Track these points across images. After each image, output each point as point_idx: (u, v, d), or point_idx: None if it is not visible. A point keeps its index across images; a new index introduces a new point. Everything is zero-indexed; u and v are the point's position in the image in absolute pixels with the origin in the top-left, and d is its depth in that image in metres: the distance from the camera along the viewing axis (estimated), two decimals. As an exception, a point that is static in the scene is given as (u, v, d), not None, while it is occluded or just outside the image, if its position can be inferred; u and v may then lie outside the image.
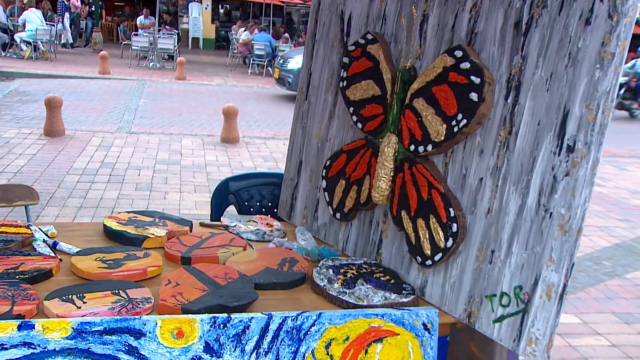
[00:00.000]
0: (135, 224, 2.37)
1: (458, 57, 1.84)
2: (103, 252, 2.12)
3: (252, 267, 2.09)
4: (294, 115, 2.62)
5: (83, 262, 2.01)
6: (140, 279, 1.98)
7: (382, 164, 2.08)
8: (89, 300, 1.78)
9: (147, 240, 2.25)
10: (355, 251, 2.30)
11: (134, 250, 2.16)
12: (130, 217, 2.45)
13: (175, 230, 2.36)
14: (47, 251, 2.12)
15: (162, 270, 2.06)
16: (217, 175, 6.81)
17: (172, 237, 2.33)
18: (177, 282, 1.91)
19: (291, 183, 2.64)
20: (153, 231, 2.31)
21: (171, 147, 8.02)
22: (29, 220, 3.38)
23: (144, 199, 5.85)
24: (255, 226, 2.53)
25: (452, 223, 1.87)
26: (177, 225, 2.41)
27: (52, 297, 1.78)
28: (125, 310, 1.74)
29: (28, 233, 2.24)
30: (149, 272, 2.00)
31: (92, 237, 2.32)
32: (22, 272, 1.92)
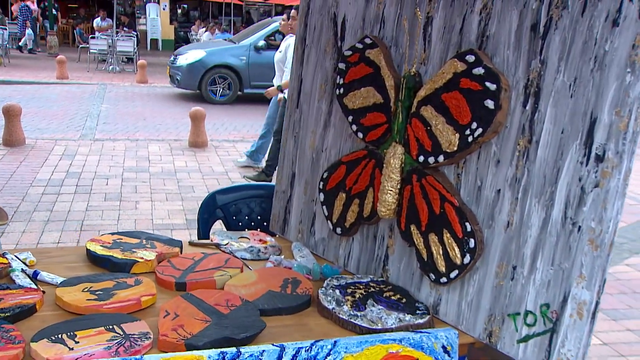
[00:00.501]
0: (122, 246, 2.21)
1: (470, 62, 1.73)
2: (90, 281, 1.95)
3: (254, 291, 1.95)
4: (284, 124, 2.49)
5: (69, 294, 1.85)
6: (134, 310, 1.83)
7: (388, 176, 1.97)
8: (82, 339, 1.62)
9: (136, 265, 2.09)
10: (358, 268, 2.18)
11: (123, 277, 2.00)
12: (115, 239, 2.28)
13: (165, 252, 2.20)
14: (27, 282, 1.95)
15: (156, 299, 1.91)
16: (188, 182, 6.64)
17: (162, 259, 2.18)
18: (177, 313, 1.76)
19: (284, 196, 2.51)
20: (142, 254, 2.15)
21: (138, 153, 7.80)
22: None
23: (114, 209, 5.64)
24: (248, 243, 2.40)
25: (469, 238, 1.77)
26: (166, 246, 2.25)
27: (39, 338, 1.62)
28: (123, 349, 1.59)
29: (4, 263, 2.06)
30: (143, 302, 1.85)
31: (75, 264, 2.16)
32: (2, 310, 1.75)
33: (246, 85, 12.29)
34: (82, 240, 4.85)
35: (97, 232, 5.03)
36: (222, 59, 12.24)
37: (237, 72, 12.21)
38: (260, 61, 11.85)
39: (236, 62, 12.19)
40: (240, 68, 12.18)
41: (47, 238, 4.87)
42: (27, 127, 8.90)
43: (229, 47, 12.69)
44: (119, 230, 5.11)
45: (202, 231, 2.66)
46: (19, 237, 4.86)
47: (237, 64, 12.19)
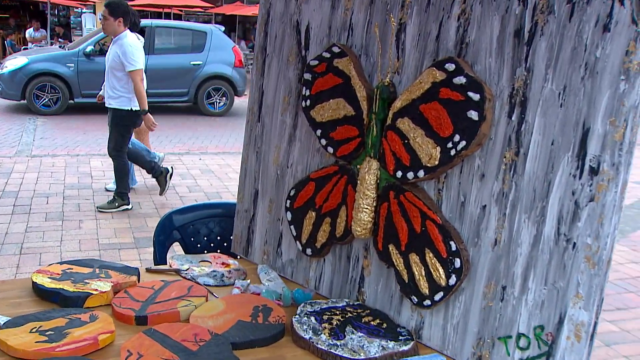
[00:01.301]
0: (72, 277, 2.02)
1: (450, 70, 1.63)
2: (39, 320, 1.76)
3: (222, 322, 1.80)
4: (245, 139, 2.35)
5: (15, 337, 1.66)
6: (91, 351, 1.65)
7: (362, 193, 1.85)
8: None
9: (90, 298, 1.91)
10: (331, 290, 2.05)
11: (76, 312, 1.82)
12: (65, 269, 2.09)
13: (122, 281, 2.02)
14: (-33, 324, 1.75)
15: (115, 337, 1.74)
16: (134, 198, 6.38)
17: (119, 290, 2.00)
18: (140, 353, 1.59)
19: (246, 215, 2.36)
20: (96, 285, 1.97)
21: (79, 169, 7.48)
22: None
23: (57, 229, 5.35)
24: (210, 267, 2.24)
25: (454, 258, 1.66)
26: (122, 275, 2.07)
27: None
28: (81, 398, 1.42)
29: (-59, 302, 1.85)
30: (100, 341, 1.67)
31: (20, 299, 1.95)
32: (-59, 358, 1.55)
33: (76, 94, 11.44)
34: (22, 264, 4.57)
35: (39, 255, 4.75)
36: (47, 67, 11.30)
37: (65, 81, 11.35)
38: (92, 68, 10.92)
39: (63, 70, 11.28)
40: (68, 76, 11.30)
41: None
42: (-43, 144, 8.46)
43: (56, 54, 11.80)
44: (62, 252, 4.84)
45: (159, 255, 2.48)
46: (-47, 263, 4.55)
47: (64, 71, 11.31)
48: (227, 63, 12.25)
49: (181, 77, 11.92)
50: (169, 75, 11.60)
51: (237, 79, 12.40)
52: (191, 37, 12.46)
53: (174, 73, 11.77)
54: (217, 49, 12.19)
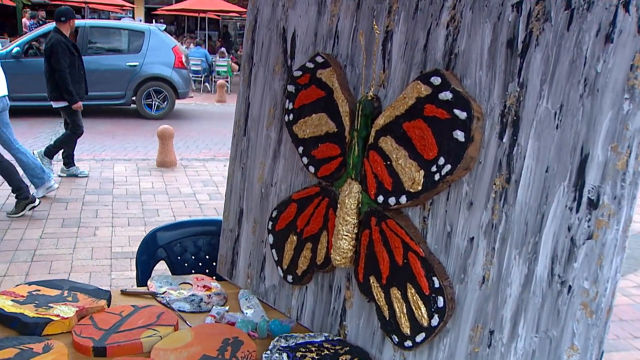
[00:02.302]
0: (37, 301, 1.89)
1: (435, 84, 1.45)
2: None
3: (185, 357, 1.64)
4: (231, 153, 2.19)
5: (-42, 369, 1.53)
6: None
7: (342, 219, 1.67)
8: None
9: (50, 325, 1.77)
10: (312, 321, 1.88)
11: (30, 342, 1.68)
12: (32, 290, 1.96)
13: (89, 306, 1.88)
14: None
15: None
16: (153, 205, 6.30)
17: (84, 316, 1.86)
18: (84, 393, 1.45)
19: (231, 235, 2.20)
20: (58, 310, 1.83)
21: (102, 174, 7.44)
22: None
23: (71, 237, 5.29)
24: (190, 290, 2.09)
25: (437, 296, 1.47)
26: (90, 299, 1.93)
27: None
28: None
29: None
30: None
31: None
32: None
33: None
34: (32, 272, 4.50)
35: (50, 263, 4.68)
36: None
37: None
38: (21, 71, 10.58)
39: None
40: None
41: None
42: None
43: None
44: (74, 260, 4.77)
45: (142, 276, 2.34)
46: (-38, 270, 4.50)
47: None
48: (166, 64, 11.82)
49: (117, 79, 11.55)
50: (103, 78, 11.18)
51: (177, 80, 11.94)
52: (128, 38, 12.09)
53: (109, 75, 11.41)
54: (156, 49, 11.77)
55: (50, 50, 6.64)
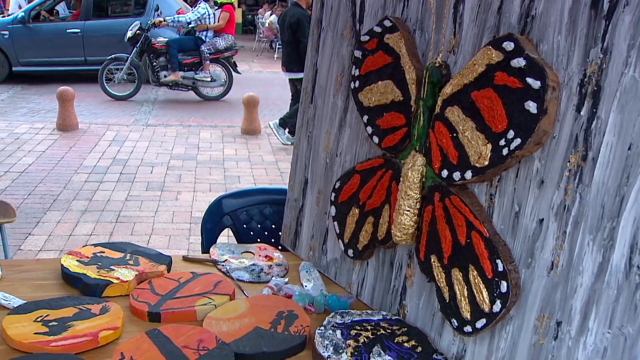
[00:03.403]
0: (100, 262, 1.91)
1: (508, 50, 1.32)
2: (50, 307, 1.66)
3: (237, 328, 1.61)
4: (298, 122, 2.13)
5: (17, 326, 1.55)
6: (88, 348, 1.51)
7: (405, 193, 1.58)
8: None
9: (109, 287, 1.78)
10: (372, 298, 1.81)
11: (89, 302, 1.70)
12: (97, 252, 1.98)
13: (148, 271, 1.89)
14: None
15: (120, 334, 1.59)
16: (235, 171, 6.37)
17: (143, 280, 1.86)
18: (133, 358, 1.44)
19: (295, 205, 2.15)
20: (119, 274, 1.84)
21: (188, 140, 7.60)
22: (4, 241, 2.96)
23: (154, 200, 5.42)
24: (252, 260, 2.05)
25: (500, 280, 1.36)
26: (151, 263, 1.93)
27: (-41, 386, 1.33)
28: (53, 407, 1.28)
29: (-38, 279, 1.79)
30: (100, 338, 1.53)
31: (46, 282, 1.87)
32: None
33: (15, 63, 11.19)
34: (116, 232, 4.64)
35: (132, 225, 4.82)
36: None
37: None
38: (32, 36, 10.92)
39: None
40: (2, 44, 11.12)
41: (81, 229, 4.69)
42: (83, 111, 8.86)
43: None
44: (155, 222, 4.88)
45: (206, 243, 2.33)
46: (53, 227, 4.70)
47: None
48: None
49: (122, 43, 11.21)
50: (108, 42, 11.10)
51: None
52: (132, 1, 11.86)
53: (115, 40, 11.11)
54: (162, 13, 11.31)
55: (296, 24, 6.84)
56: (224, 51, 10.01)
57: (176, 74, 9.63)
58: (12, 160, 6.35)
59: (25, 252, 4.24)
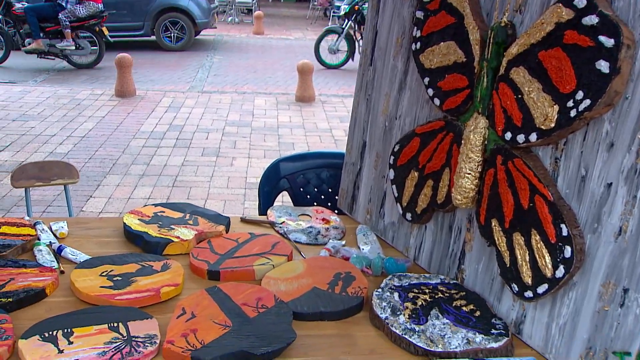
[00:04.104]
0: (160, 222, 1.95)
1: (580, 7, 1.27)
2: (114, 263, 1.71)
3: (295, 288, 1.63)
4: (357, 84, 2.11)
5: (84, 279, 1.61)
6: (151, 303, 1.56)
7: (466, 156, 1.55)
8: (78, 338, 1.37)
9: (170, 246, 1.82)
10: (430, 263, 1.80)
11: (151, 260, 1.74)
12: (157, 211, 2.03)
13: (207, 230, 1.92)
14: (48, 260, 1.73)
15: (181, 290, 1.63)
16: (289, 138, 6.39)
17: (202, 239, 1.90)
18: (194, 313, 1.47)
19: (353, 168, 2.15)
20: (179, 233, 1.88)
21: (243, 107, 7.64)
22: (69, 200, 3.05)
23: (210, 165, 5.49)
24: (309, 222, 2.07)
25: (564, 245, 1.33)
26: (210, 223, 1.96)
27: (30, 335, 1.38)
28: (119, 356, 1.32)
29: (32, 235, 1.85)
30: (162, 293, 1.57)
31: (109, 239, 1.92)
32: (7, 294, 1.54)
33: None
34: (172, 196, 4.73)
35: (189, 189, 4.90)
36: None
37: None
38: None
39: None
40: None
41: (139, 193, 4.79)
42: (140, 78, 9.00)
43: None
44: (210, 187, 4.95)
45: (263, 206, 2.35)
46: (113, 190, 4.82)
47: None
48: None
49: (134, 10, 11.14)
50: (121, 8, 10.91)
51: (194, 10, 11.45)
52: None
53: (127, 6, 11.02)
54: None
55: None
56: (87, 19, 9.50)
57: (38, 42, 9.13)
58: (74, 125, 6.51)
59: (87, 214, 4.37)
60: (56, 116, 6.82)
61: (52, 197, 4.58)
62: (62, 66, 9.66)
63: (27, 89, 8.05)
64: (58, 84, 8.46)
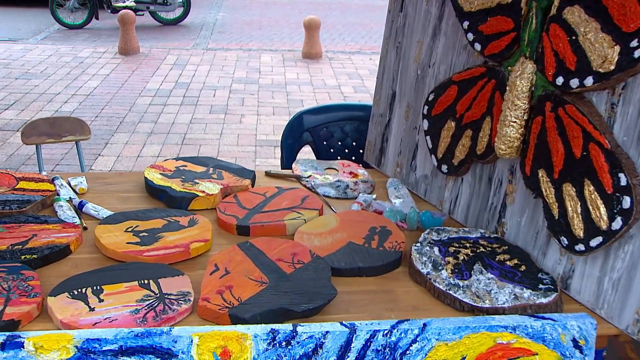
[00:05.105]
0: (183, 176, 1.88)
1: (646, -62, 1.17)
2: (138, 219, 1.64)
3: (330, 242, 1.56)
4: (385, 31, 2.01)
5: (109, 235, 1.54)
6: (180, 259, 1.49)
7: (511, 103, 1.47)
8: (108, 296, 1.31)
9: (195, 200, 1.75)
10: (467, 217, 1.73)
11: (177, 215, 1.67)
12: (179, 166, 1.95)
13: (233, 184, 1.84)
14: (70, 216, 1.67)
15: (210, 246, 1.57)
16: (298, 95, 6.29)
17: (228, 194, 1.83)
18: (227, 269, 1.41)
19: (381, 120, 2.06)
20: (204, 187, 1.81)
21: (249, 64, 7.51)
22: (81, 157, 2.98)
23: (219, 122, 5.40)
24: (336, 176, 1.99)
25: (622, 195, 1.26)
26: (235, 177, 1.89)
27: (59, 292, 1.32)
28: (153, 314, 1.26)
29: (51, 190, 1.78)
30: (192, 250, 1.51)
31: (130, 194, 1.85)
32: (31, 250, 1.47)
33: None
34: (182, 154, 4.65)
35: (198, 147, 4.82)
36: None
37: None
38: None
39: None
40: None
41: (148, 151, 4.72)
42: (143, 36, 8.84)
43: None
44: (220, 145, 4.87)
45: (286, 159, 2.27)
46: (121, 148, 4.74)
47: None
48: None
49: None
50: None
51: None
52: None
53: None
54: None
55: None
56: None
57: None
58: (78, 84, 6.40)
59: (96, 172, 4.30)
60: (59, 74, 6.70)
61: (60, 156, 4.50)
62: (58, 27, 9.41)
63: (28, 47, 7.91)
64: (59, 42, 8.31)
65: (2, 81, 6.35)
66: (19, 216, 1.64)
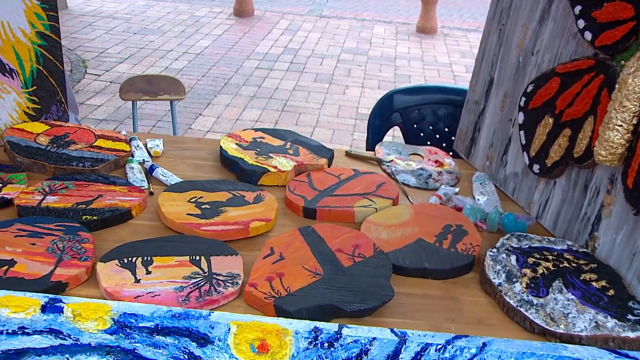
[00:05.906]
0: (259, 148, 1.81)
1: None
2: (204, 189, 1.59)
3: (398, 237, 1.44)
4: (489, 12, 1.84)
5: (171, 204, 1.50)
6: (238, 237, 1.43)
7: (619, 104, 1.28)
8: (156, 269, 1.27)
9: (265, 176, 1.68)
10: (556, 224, 1.56)
11: (244, 189, 1.61)
12: (256, 137, 1.88)
13: (308, 162, 1.76)
14: (139, 179, 1.64)
15: (272, 226, 1.49)
16: (406, 70, 6.11)
17: (302, 172, 1.74)
18: (282, 255, 1.33)
19: (475, 108, 1.90)
20: (277, 162, 1.73)
21: (361, 34, 7.37)
22: (174, 116, 2.99)
23: (322, 92, 5.33)
24: (420, 163, 1.86)
25: None
26: (311, 155, 1.80)
27: (110, 258, 1.29)
28: (197, 294, 1.21)
29: (126, 150, 1.77)
30: (251, 229, 1.44)
31: (204, 161, 1.81)
32: (93, 211, 1.45)
33: None
34: (281, 121, 4.63)
35: (298, 115, 4.78)
36: None
37: None
38: None
39: None
40: None
41: (247, 114, 4.73)
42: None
43: None
44: (320, 115, 4.81)
45: (372, 140, 2.16)
46: (222, 110, 4.78)
47: None
48: None
49: None
50: None
51: None
52: None
53: None
54: None
55: None
56: None
57: None
58: (190, 42, 6.51)
59: (194, 132, 4.35)
60: (175, 32, 6.85)
61: (163, 112, 4.59)
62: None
63: (150, 3, 8.14)
64: (179, 0, 8.49)
65: (122, 35, 6.56)
66: (90, 174, 1.62)
